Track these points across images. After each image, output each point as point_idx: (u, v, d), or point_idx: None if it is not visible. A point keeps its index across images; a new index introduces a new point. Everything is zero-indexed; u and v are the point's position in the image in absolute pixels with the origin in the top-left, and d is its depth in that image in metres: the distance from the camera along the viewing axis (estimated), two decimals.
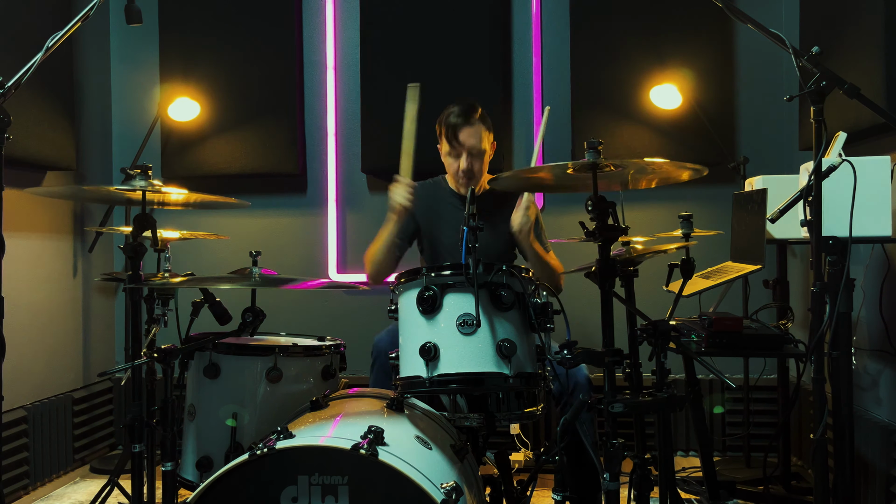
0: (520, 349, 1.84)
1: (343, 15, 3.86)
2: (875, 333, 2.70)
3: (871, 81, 2.56)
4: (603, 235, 1.84)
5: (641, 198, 3.58)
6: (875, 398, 2.75)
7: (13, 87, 1.93)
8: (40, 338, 3.32)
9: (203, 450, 2.24)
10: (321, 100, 3.86)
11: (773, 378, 3.34)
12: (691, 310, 3.14)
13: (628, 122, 3.59)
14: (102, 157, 3.91)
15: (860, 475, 2.73)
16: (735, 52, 3.66)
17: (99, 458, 3.66)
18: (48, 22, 3.20)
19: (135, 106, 3.96)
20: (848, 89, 1.80)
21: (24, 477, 3.14)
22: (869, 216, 2.21)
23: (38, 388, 3.28)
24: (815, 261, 1.89)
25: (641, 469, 2.03)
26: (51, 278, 3.42)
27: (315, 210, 3.88)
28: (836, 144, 2.32)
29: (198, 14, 3.80)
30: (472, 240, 1.81)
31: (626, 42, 3.59)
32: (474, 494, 1.89)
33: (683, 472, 3.29)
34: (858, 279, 2.59)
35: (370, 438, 1.63)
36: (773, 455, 3.16)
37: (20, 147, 3.07)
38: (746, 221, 2.77)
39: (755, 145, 3.62)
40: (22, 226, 3.23)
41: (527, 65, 3.77)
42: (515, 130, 3.77)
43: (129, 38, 3.93)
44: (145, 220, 2.11)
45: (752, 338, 2.41)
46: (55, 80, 3.36)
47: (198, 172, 3.80)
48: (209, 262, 3.84)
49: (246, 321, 2.05)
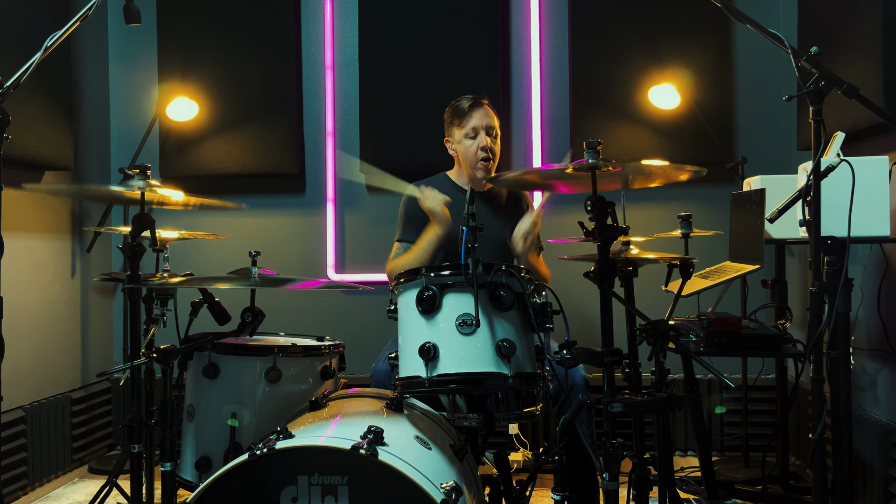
0: (519, 349, 1.84)
1: (341, 15, 3.85)
2: (873, 333, 2.71)
3: (870, 81, 2.56)
4: (602, 235, 1.85)
5: (640, 198, 3.58)
6: (873, 398, 2.76)
7: (12, 86, 1.92)
8: (38, 338, 3.32)
9: (202, 450, 2.24)
10: (320, 99, 3.86)
11: (772, 378, 3.35)
12: (690, 310, 3.14)
13: (627, 122, 3.59)
14: (101, 157, 3.90)
15: (858, 475, 2.74)
16: (734, 53, 3.66)
17: (97, 459, 3.65)
18: (46, 21, 3.20)
19: (133, 105, 3.95)
20: (847, 89, 1.80)
21: (22, 477, 3.13)
22: (867, 216, 2.22)
23: (36, 389, 3.28)
24: (813, 261, 1.89)
25: (640, 469, 2.03)
26: (49, 278, 3.41)
27: (313, 210, 3.88)
28: (834, 144, 2.32)
29: (196, 14, 3.80)
30: (471, 240, 1.81)
31: (625, 42, 3.59)
32: (474, 494, 1.90)
33: (682, 472, 3.29)
34: (857, 279, 2.60)
35: (370, 438, 1.63)
36: (771, 455, 3.17)
37: (18, 146, 3.07)
38: (745, 221, 2.77)
39: (753, 145, 3.62)
40: (20, 226, 3.22)
41: (525, 65, 3.77)
42: (513, 130, 3.77)
43: (128, 37, 3.93)
44: (144, 220, 2.11)
45: (751, 338, 2.41)
46: (54, 80, 3.35)
47: (196, 172, 3.79)
48: (208, 262, 3.84)
49: (245, 321, 2.04)
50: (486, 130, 2.82)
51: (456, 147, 2.89)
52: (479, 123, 2.82)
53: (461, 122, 2.84)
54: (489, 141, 2.82)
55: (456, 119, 2.86)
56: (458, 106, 2.87)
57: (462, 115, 2.84)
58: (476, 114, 2.83)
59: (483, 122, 2.82)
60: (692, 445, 3.63)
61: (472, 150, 2.82)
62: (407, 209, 2.92)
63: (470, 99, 2.86)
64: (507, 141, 3.76)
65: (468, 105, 2.84)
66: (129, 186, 2.11)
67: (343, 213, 3.87)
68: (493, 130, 2.85)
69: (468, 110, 2.83)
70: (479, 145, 2.81)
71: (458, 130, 2.85)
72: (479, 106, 2.84)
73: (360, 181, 3.85)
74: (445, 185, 2.93)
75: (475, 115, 2.83)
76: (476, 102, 2.85)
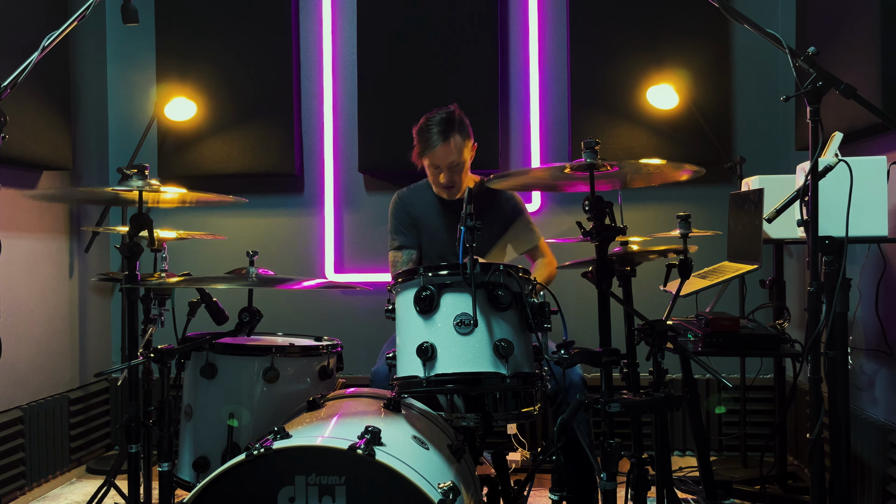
0: (517, 349, 1.84)
1: (340, 14, 3.85)
2: (871, 333, 2.71)
3: (868, 81, 2.56)
4: (600, 235, 1.85)
5: (638, 197, 3.58)
6: (871, 398, 2.76)
7: (8, 86, 1.92)
8: (36, 338, 3.32)
9: (200, 450, 2.24)
10: (318, 99, 3.86)
11: (770, 378, 3.35)
12: (688, 310, 3.14)
13: (626, 123, 3.59)
14: (99, 157, 3.90)
15: (857, 475, 2.73)
16: (732, 53, 3.66)
17: (95, 459, 3.65)
18: (44, 21, 3.20)
19: (131, 105, 3.95)
20: (844, 89, 1.80)
21: (20, 477, 3.13)
22: (865, 216, 2.22)
23: (34, 389, 3.27)
24: (811, 261, 1.89)
25: (638, 469, 2.03)
26: (47, 278, 3.41)
27: (312, 210, 3.88)
28: (832, 144, 2.31)
29: (194, 13, 3.80)
30: (469, 239, 1.81)
31: (623, 42, 3.59)
32: (471, 494, 1.89)
33: (680, 472, 3.30)
34: (855, 279, 2.60)
35: (367, 438, 1.63)
36: (769, 455, 3.17)
37: (16, 147, 3.06)
38: (743, 221, 2.77)
39: (752, 145, 3.62)
40: (18, 226, 3.22)
41: (524, 65, 3.77)
42: (511, 130, 3.77)
43: (126, 37, 3.92)
44: (142, 219, 2.10)
45: (749, 338, 2.41)
46: (51, 80, 3.35)
47: (195, 172, 3.79)
48: (206, 261, 3.84)
49: (243, 321, 2.04)
50: (449, 167, 2.78)
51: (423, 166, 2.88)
52: (441, 162, 2.78)
53: (424, 151, 2.79)
54: (450, 178, 2.80)
55: (421, 145, 2.81)
56: (426, 137, 2.78)
57: (426, 147, 2.78)
58: (440, 151, 2.75)
59: (446, 160, 2.77)
60: (690, 445, 3.63)
61: (435, 178, 2.85)
62: (395, 213, 2.99)
63: (436, 133, 2.75)
64: (506, 141, 3.76)
65: (434, 143, 2.75)
66: (129, 186, 2.10)
67: (342, 212, 3.87)
68: (456, 166, 2.79)
69: (433, 146, 2.75)
70: (440, 180, 2.82)
71: (423, 158, 2.83)
72: (444, 142, 2.74)
73: (358, 181, 3.85)
74: (426, 193, 2.97)
75: (438, 152, 2.76)
76: (443, 138, 2.74)
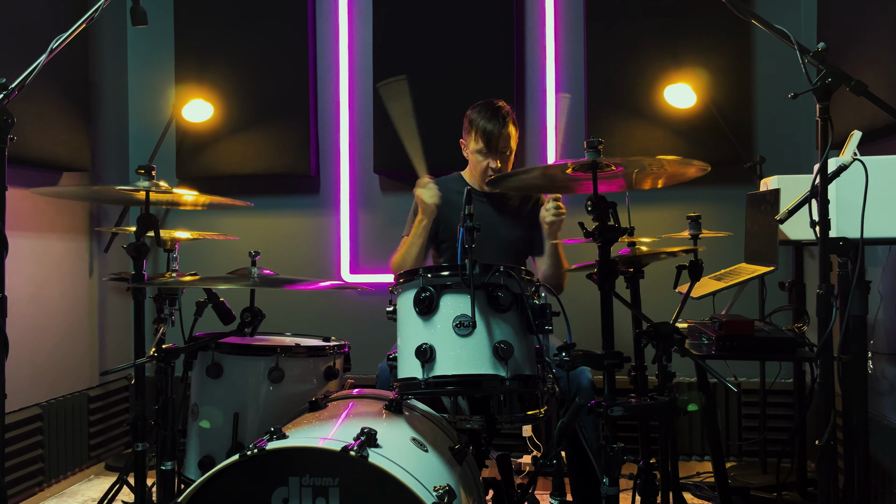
0: (517, 351, 1.81)
1: (356, 15, 3.86)
2: (893, 337, 2.63)
3: (889, 79, 2.49)
4: (602, 236, 1.81)
5: (651, 198, 3.52)
6: (893, 403, 2.68)
7: (17, 87, 1.95)
8: (56, 336, 3.36)
9: (205, 449, 2.24)
10: (334, 100, 3.87)
11: (791, 382, 3.27)
12: (704, 312, 3.08)
13: (643, 122, 3.53)
14: (119, 158, 3.95)
15: (877, 482, 2.66)
16: (752, 52, 3.59)
17: (114, 456, 3.70)
18: (62, 25, 3.22)
19: (150, 107, 4.00)
20: (854, 86, 1.75)
21: (38, 474, 3.18)
22: (883, 217, 2.15)
23: (53, 386, 3.32)
24: (820, 262, 1.84)
25: (646, 474, 2.00)
26: (67, 278, 3.46)
27: (328, 211, 3.88)
28: (850, 143, 2.25)
29: (212, 16, 3.83)
30: (468, 240, 1.79)
31: (641, 40, 3.54)
32: (472, 498, 1.87)
33: (697, 477, 3.24)
34: (875, 281, 2.53)
35: (362, 440, 1.62)
36: (787, 461, 3.09)
37: (35, 148, 3.11)
38: (759, 222, 2.71)
39: (772, 145, 3.55)
40: (38, 226, 3.27)
41: (540, 63, 3.74)
42: (528, 129, 3.74)
43: (145, 39, 3.97)
44: (148, 219, 2.12)
45: (764, 341, 2.36)
46: (71, 82, 3.40)
47: (212, 173, 3.83)
48: (220, 262, 3.86)
49: (245, 321, 2.04)
50: (503, 153, 2.75)
51: (468, 154, 2.85)
52: (500, 144, 2.73)
53: (477, 136, 2.75)
54: (499, 163, 2.75)
55: (474, 130, 2.77)
56: (483, 125, 2.73)
57: (483, 136, 2.73)
58: (500, 139, 2.72)
59: (503, 146, 2.74)
60: (708, 450, 3.57)
61: (481, 166, 2.79)
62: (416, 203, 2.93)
63: (494, 119, 2.72)
64: (522, 140, 3.73)
65: (492, 129, 2.71)
66: (136, 187, 2.11)
67: (357, 213, 3.87)
68: (510, 151, 2.78)
69: (491, 135, 2.71)
70: (488, 165, 2.77)
71: (473, 143, 2.78)
72: (504, 128, 2.72)
73: (374, 182, 3.85)
74: (458, 184, 2.92)
75: (500, 140, 2.73)
76: (502, 125, 2.71)
